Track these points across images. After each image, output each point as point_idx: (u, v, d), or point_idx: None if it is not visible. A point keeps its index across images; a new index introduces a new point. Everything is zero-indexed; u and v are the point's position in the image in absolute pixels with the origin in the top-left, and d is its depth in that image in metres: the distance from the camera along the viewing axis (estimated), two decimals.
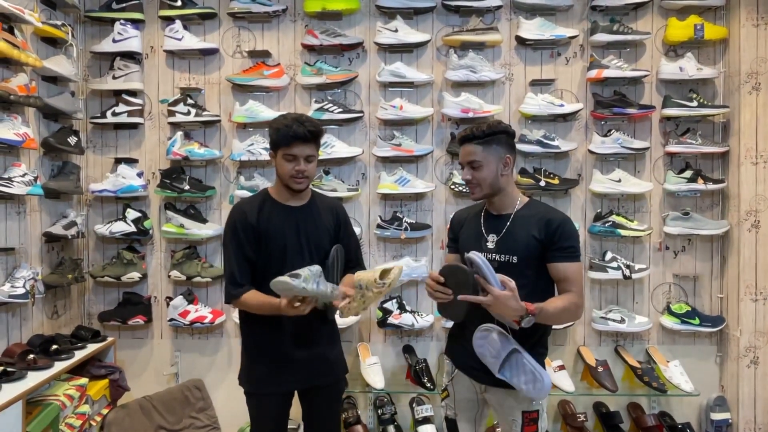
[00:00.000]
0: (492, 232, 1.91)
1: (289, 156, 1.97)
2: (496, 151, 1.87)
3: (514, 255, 1.85)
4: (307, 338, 2.05)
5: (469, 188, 1.93)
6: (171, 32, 3.08)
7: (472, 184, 1.91)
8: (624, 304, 3.12)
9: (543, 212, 1.90)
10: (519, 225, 1.89)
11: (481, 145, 1.87)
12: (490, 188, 1.89)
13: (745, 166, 2.95)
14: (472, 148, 1.88)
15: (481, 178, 1.88)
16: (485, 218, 1.96)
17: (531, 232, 1.86)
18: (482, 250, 1.87)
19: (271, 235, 2.02)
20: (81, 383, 2.54)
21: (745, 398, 2.98)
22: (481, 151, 1.87)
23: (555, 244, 1.84)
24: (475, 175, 1.88)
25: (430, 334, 3.16)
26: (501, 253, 1.87)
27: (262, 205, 2.06)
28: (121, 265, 3.09)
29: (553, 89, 3.11)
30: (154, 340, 3.22)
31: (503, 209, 1.93)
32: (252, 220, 2.02)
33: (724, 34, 3.01)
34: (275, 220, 2.03)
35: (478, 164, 1.87)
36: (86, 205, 3.21)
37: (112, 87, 3.10)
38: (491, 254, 1.88)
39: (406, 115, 3.01)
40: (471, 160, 1.88)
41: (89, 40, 3.18)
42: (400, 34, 3.02)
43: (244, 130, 3.14)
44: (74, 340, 2.77)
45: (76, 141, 2.97)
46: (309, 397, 2.13)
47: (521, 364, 1.76)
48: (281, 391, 2.08)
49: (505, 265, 1.85)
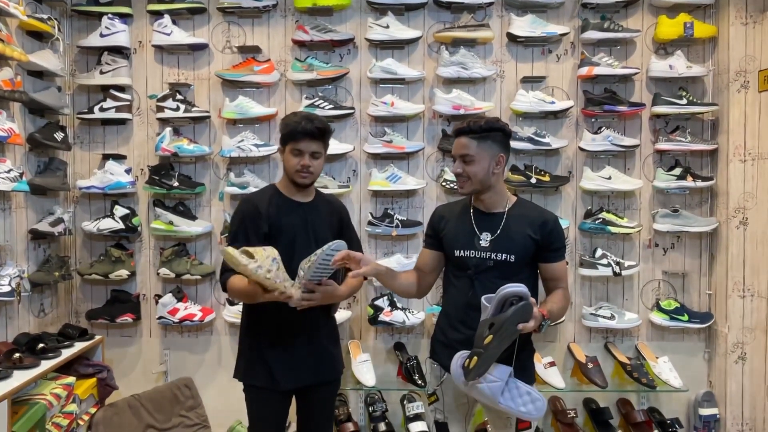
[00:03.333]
0: (485, 230, 1.89)
1: (296, 150, 2.01)
2: (490, 147, 1.86)
3: (511, 254, 1.85)
4: (311, 335, 2.06)
5: (458, 182, 1.92)
6: (159, 27, 3.04)
7: (462, 178, 1.89)
8: (614, 300, 3.14)
9: (537, 213, 1.94)
10: (514, 224, 1.88)
11: (476, 139, 1.86)
12: (480, 184, 1.88)
13: (733, 164, 2.97)
14: (467, 141, 1.87)
15: (472, 173, 1.86)
16: (476, 216, 1.93)
17: (527, 232, 1.87)
18: (475, 249, 1.86)
19: (282, 227, 2.04)
20: (68, 382, 2.51)
21: (732, 394, 3.00)
22: (476, 146, 1.86)
23: (551, 245, 1.89)
24: (466, 169, 1.87)
25: (422, 331, 3.16)
26: (497, 252, 1.86)
27: (272, 198, 2.08)
28: (109, 263, 3.05)
29: (544, 86, 3.11)
30: (142, 339, 3.19)
31: (494, 207, 1.92)
32: (263, 212, 2.04)
33: (713, 33, 3.02)
34: (286, 213, 2.07)
35: (470, 158, 1.86)
36: (74, 202, 3.16)
37: (99, 82, 3.05)
38: (486, 252, 1.86)
39: (397, 112, 3.00)
40: (464, 153, 1.87)
41: (76, 34, 3.14)
42: (392, 30, 3.01)
43: (234, 127, 3.11)
44: (61, 338, 2.73)
45: (62, 137, 2.92)
46: (307, 394, 2.12)
47: (516, 387, 1.75)
48: (286, 388, 2.06)
49: (501, 264, 1.85)
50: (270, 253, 1.88)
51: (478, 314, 1.75)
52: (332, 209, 2.18)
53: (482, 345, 1.64)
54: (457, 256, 1.92)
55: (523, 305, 1.63)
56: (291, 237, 2.04)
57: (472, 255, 1.89)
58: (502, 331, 1.61)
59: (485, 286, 1.81)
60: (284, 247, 1.99)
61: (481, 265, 1.88)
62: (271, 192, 2.12)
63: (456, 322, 1.93)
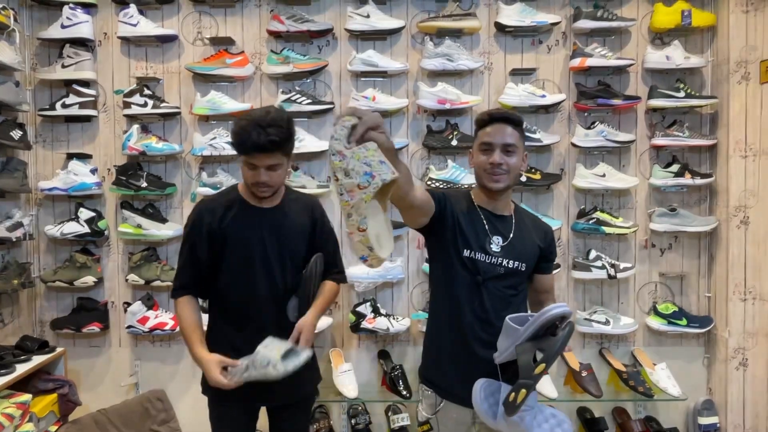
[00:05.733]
0: (496, 234, 1.70)
1: (250, 164, 1.77)
2: (523, 143, 1.73)
3: (522, 263, 1.70)
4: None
5: (495, 175, 1.66)
6: (125, 17, 2.85)
7: (500, 171, 1.66)
8: (609, 304, 2.99)
9: (538, 220, 1.86)
10: (523, 230, 1.73)
11: (517, 131, 1.69)
12: (513, 181, 1.71)
13: (734, 160, 2.83)
14: (512, 130, 1.68)
15: (513, 166, 1.68)
16: (487, 217, 1.72)
17: (535, 240, 1.75)
18: (486, 252, 1.67)
19: (243, 241, 1.84)
20: (23, 400, 2.33)
21: (733, 401, 2.87)
22: (518, 137, 1.69)
23: (551, 254, 1.81)
24: (507, 161, 1.66)
25: (407, 339, 3.00)
26: (509, 258, 1.68)
27: (229, 206, 1.87)
28: (74, 269, 2.87)
29: (535, 79, 2.96)
30: (111, 349, 3.01)
31: (503, 210, 1.75)
32: (214, 224, 1.84)
33: (712, 21, 2.87)
34: (248, 224, 1.85)
35: (513, 149, 1.67)
36: (36, 204, 2.98)
37: (61, 77, 2.87)
38: (497, 258, 1.68)
39: (379, 107, 2.82)
40: (509, 143, 1.67)
41: (36, 25, 2.94)
42: (373, 20, 2.84)
43: (206, 123, 2.94)
44: (18, 351, 2.55)
45: (21, 135, 2.74)
46: (276, 410, 1.99)
47: (540, 411, 1.57)
48: (247, 403, 1.92)
49: (511, 273, 1.68)
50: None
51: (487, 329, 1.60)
52: (302, 209, 1.97)
53: (532, 376, 1.44)
54: (466, 256, 1.67)
55: (572, 328, 1.47)
56: (254, 251, 1.85)
57: (482, 258, 1.68)
58: (553, 358, 1.45)
59: (493, 296, 1.65)
60: (239, 261, 1.83)
61: (490, 271, 1.67)
62: (233, 197, 1.90)
63: (457, 339, 1.68)
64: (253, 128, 1.70)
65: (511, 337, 1.50)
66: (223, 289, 1.91)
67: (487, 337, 1.63)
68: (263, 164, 1.75)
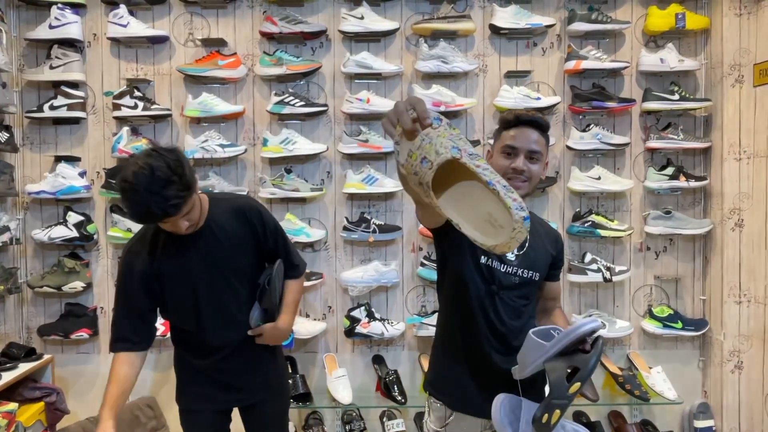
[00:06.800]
0: None
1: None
2: (547, 150, 1.59)
3: (536, 272, 1.61)
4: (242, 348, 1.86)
5: (516, 183, 1.51)
6: (115, 18, 2.81)
7: (521, 177, 1.53)
8: (604, 307, 2.98)
9: (548, 226, 1.77)
10: (537, 239, 1.65)
11: (543, 137, 1.57)
12: (532, 189, 1.58)
13: (728, 162, 2.83)
14: (538, 136, 1.55)
15: (536, 174, 1.55)
16: None
17: (548, 249, 1.67)
18: (502, 261, 1.57)
19: (171, 279, 1.73)
20: (9, 409, 2.27)
21: (729, 405, 2.86)
22: (544, 143, 1.57)
23: (560, 261, 1.74)
24: (530, 168, 1.54)
25: (402, 343, 2.97)
26: (524, 268, 1.59)
27: (154, 244, 1.72)
28: (62, 274, 2.82)
29: (529, 81, 2.94)
30: (100, 356, 2.95)
31: None
32: (146, 269, 1.71)
33: (706, 24, 2.87)
34: (174, 260, 1.72)
35: (537, 156, 1.54)
36: (23, 208, 2.92)
37: (49, 78, 2.81)
38: (512, 267, 1.58)
39: (373, 109, 2.80)
40: (535, 149, 1.54)
41: (24, 25, 2.89)
42: (367, 21, 2.82)
43: (197, 126, 2.90)
44: (4, 359, 2.49)
45: (7, 137, 2.69)
46: (249, 413, 1.98)
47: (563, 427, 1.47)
48: (215, 408, 1.92)
49: (525, 283, 1.60)
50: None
51: (500, 339, 1.54)
52: (233, 217, 1.78)
53: (566, 395, 1.35)
54: (483, 263, 1.58)
55: (603, 343, 1.39)
56: (195, 282, 1.74)
57: (499, 267, 1.58)
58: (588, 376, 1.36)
59: (507, 306, 1.57)
60: (191, 296, 1.75)
61: (506, 280, 1.58)
62: (152, 234, 1.74)
63: (472, 348, 1.59)
64: (148, 198, 1.49)
65: (536, 353, 1.41)
66: (175, 326, 1.89)
67: (501, 347, 1.58)
68: (174, 222, 1.61)
